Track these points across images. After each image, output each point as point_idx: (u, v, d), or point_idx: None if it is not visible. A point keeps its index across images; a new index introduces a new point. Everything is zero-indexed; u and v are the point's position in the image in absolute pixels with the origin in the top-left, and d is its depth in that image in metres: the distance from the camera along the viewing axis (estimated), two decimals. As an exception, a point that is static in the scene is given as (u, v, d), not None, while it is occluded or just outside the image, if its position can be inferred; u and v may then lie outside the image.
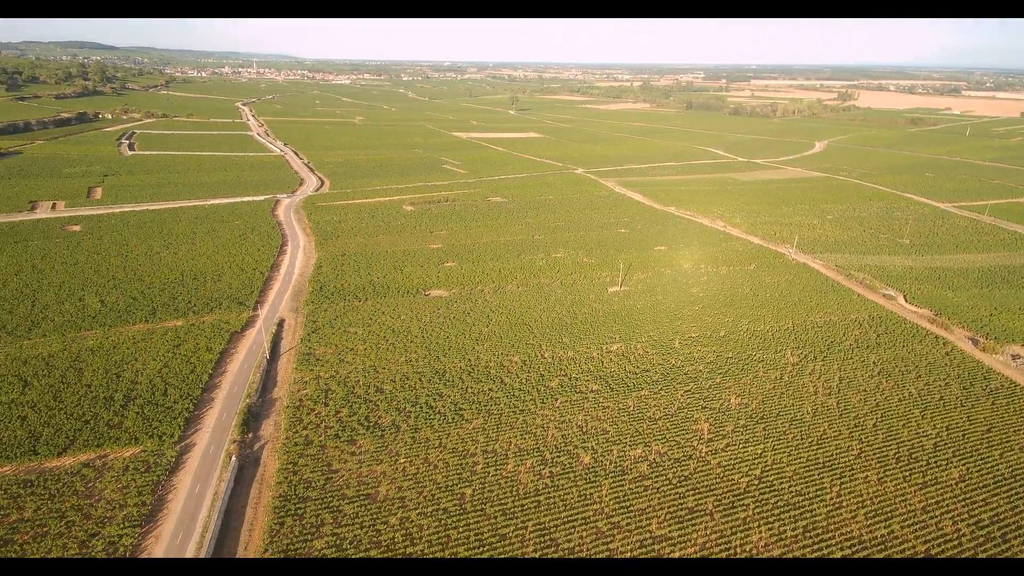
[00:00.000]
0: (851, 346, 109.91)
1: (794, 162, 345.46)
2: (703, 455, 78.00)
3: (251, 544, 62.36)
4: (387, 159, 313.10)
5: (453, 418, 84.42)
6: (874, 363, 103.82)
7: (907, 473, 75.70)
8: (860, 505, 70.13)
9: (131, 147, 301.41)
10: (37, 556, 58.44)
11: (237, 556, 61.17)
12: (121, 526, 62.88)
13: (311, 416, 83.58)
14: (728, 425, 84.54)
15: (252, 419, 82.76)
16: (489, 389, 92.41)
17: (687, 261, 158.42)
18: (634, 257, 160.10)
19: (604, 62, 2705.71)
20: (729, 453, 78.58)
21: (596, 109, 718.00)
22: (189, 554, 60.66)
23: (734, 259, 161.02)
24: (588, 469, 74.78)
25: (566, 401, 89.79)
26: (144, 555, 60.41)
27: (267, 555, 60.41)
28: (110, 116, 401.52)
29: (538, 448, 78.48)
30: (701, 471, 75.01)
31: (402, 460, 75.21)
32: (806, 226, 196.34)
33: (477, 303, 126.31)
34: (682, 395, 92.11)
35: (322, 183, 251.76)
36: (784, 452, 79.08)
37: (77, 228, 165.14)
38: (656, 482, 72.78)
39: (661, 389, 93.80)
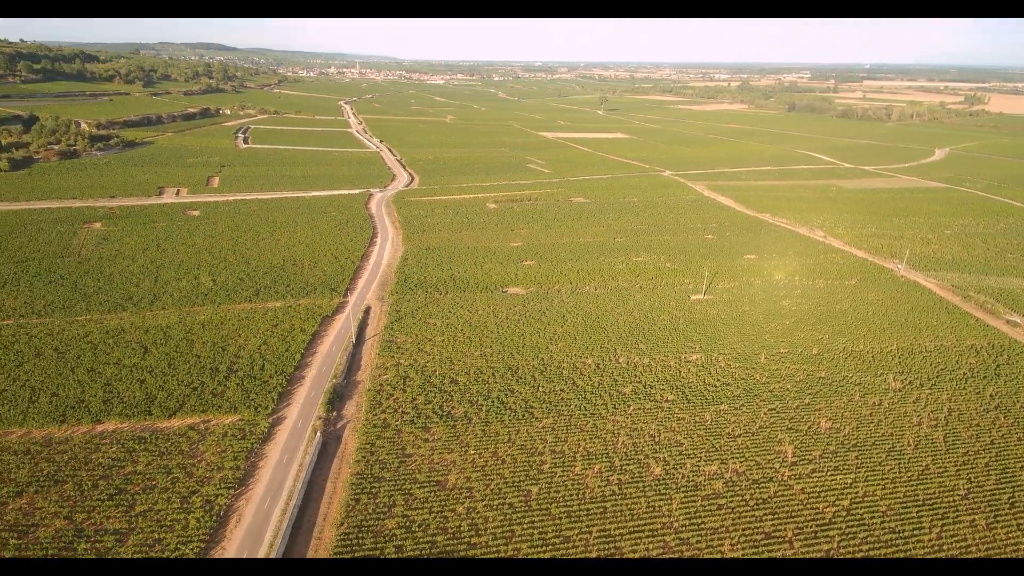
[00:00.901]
0: (965, 375, 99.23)
1: (909, 170, 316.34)
2: (785, 479, 73.58)
3: (329, 515, 66.25)
4: (474, 157, 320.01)
5: (523, 415, 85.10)
6: (991, 396, 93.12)
7: (1022, 520, 67.48)
8: (963, 551, 63.37)
9: (245, 141, 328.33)
10: (143, 508, 65.23)
11: (316, 526, 65.13)
12: (217, 487, 68.91)
13: (390, 400, 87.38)
14: (815, 450, 79.14)
15: (337, 399, 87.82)
16: (560, 390, 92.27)
17: (779, 272, 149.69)
18: (720, 265, 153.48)
19: (700, 61, 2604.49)
20: (815, 479, 73.59)
21: (688, 110, 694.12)
22: (274, 519, 65.37)
23: (833, 272, 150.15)
24: (658, 480, 72.81)
25: (639, 409, 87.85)
26: (235, 516, 65.80)
27: (343, 528, 63.91)
28: (229, 112, 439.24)
29: (607, 453, 77.41)
30: (782, 495, 70.81)
31: (472, 451, 76.86)
32: (919, 240, 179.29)
33: (553, 303, 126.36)
34: (765, 413, 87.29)
35: (412, 179, 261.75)
36: (878, 484, 72.93)
37: (196, 213, 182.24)
38: (731, 501, 69.57)
39: (742, 405, 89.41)
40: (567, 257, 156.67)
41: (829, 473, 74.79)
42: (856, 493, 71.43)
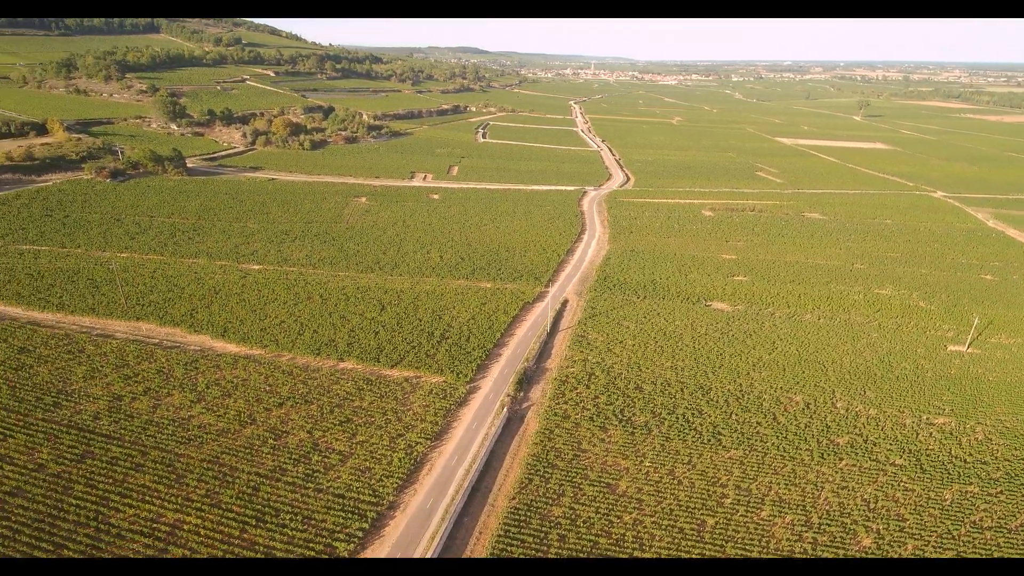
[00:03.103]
0: None
1: None
2: (1054, 601, 56.60)
3: (504, 487, 70.84)
4: (696, 160, 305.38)
5: (709, 440, 79.72)
6: None
7: None
8: None
9: (483, 135, 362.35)
10: (361, 439, 77.25)
11: (491, 493, 70.05)
12: (418, 435, 78.53)
13: (573, 393, 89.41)
14: (1112, 577, 59.22)
15: (525, 381, 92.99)
16: (757, 422, 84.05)
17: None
18: (998, 313, 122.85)
19: (1002, 61, 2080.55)
20: (1104, 615, 55.20)
21: (980, 120, 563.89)
22: (456, 479, 72.10)
23: None
24: (866, 553, 62.09)
25: (853, 465, 75.68)
26: (428, 465, 74.20)
27: (514, 502, 67.77)
28: (474, 109, 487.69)
29: (804, 506, 68.50)
30: (1045, 620, 54.67)
31: (647, 464, 74.73)
32: None
33: (763, 325, 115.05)
34: (1036, 511, 68.07)
35: (628, 179, 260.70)
36: None
37: (436, 197, 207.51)
38: (964, 605, 56.04)
39: (1000, 492, 71.10)
40: (787, 278, 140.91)
41: None
42: None
